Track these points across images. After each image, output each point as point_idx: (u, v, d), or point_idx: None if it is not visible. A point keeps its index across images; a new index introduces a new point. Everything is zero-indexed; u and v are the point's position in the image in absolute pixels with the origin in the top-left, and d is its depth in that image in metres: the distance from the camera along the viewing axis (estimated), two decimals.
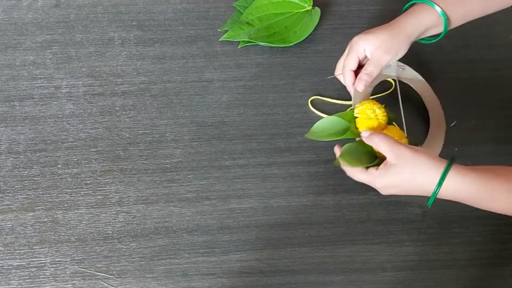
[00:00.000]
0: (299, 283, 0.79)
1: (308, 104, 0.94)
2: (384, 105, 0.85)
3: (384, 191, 0.78)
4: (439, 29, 0.86)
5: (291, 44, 0.99)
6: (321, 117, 0.92)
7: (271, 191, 0.86)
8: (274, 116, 0.93)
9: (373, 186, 0.78)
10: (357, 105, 0.85)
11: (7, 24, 1.00)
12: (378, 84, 0.91)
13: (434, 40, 0.89)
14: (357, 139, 0.83)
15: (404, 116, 0.88)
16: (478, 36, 1.02)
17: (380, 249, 0.82)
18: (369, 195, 0.86)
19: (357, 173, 0.79)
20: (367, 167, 0.78)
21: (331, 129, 0.84)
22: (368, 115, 0.83)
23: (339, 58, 0.93)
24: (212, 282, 0.79)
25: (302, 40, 1.00)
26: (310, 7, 1.01)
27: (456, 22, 0.86)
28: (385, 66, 0.87)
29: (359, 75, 0.87)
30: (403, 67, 0.93)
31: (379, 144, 0.76)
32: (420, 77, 0.93)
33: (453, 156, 0.74)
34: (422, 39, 0.88)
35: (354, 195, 0.86)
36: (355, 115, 0.85)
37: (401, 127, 0.85)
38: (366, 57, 0.87)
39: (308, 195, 0.86)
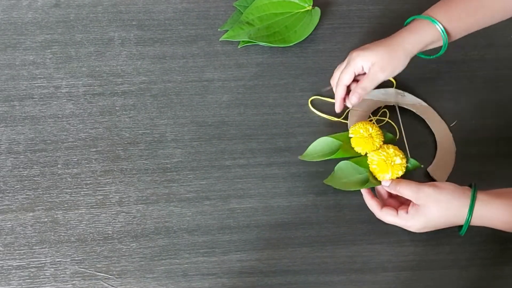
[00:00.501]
0: (299, 283, 0.79)
1: (308, 104, 0.94)
2: (385, 130, 0.88)
3: (416, 230, 0.79)
4: (439, 43, 0.85)
5: (291, 44, 0.99)
6: (320, 117, 0.92)
7: (272, 191, 0.86)
8: (274, 116, 0.93)
9: (405, 228, 0.79)
10: (351, 127, 0.87)
11: (7, 24, 1.00)
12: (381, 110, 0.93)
13: (434, 56, 0.88)
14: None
15: (406, 139, 0.89)
16: (478, 36, 1.02)
17: (380, 249, 0.82)
18: None
19: (387, 216, 0.79)
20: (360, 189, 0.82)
21: (323, 150, 0.87)
22: (362, 134, 0.85)
23: (339, 58, 0.93)
24: (212, 282, 0.79)
25: (302, 40, 1.00)
26: (310, 7, 1.01)
27: (456, 36, 0.86)
28: (380, 82, 0.86)
29: (353, 89, 0.86)
30: (402, 94, 0.94)
31: (402, 190, 0.78)
32: (423, 103, 0.93)
33: (474, 185, 0.76)
34: (422, 53, 0.87)
35: (354, 195, 0.86)
36: (350, 135, 0.86)
37: (404, 151, 0.85)
38: (363, 70, 0.86)
39: (308, 195, 0.86)
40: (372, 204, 0.81)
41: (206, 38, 1.00)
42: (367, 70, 0.85)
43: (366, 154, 0.85)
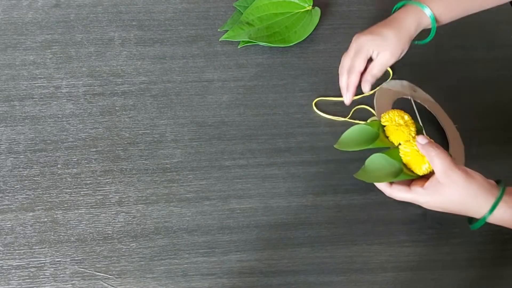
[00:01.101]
0: (299, 283, 0.79)
1: (310, 105, 0.94)
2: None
3: (429, 207, 0.75)
4: (428, 27, 0.85)
5: (291, 44, 0.99)
6: (325, 118, 0.92)
7: (271, 191, 0.86)
8: (274, 116, 0.93)
9: (416, 203, 0.75)
10: (382, 114, 0.82)
11: (7, 24, 1.00)
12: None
13: (423, 41, 0.88)
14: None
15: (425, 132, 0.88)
16: (478, 36, 1.02)
17: (380, 250, 0.82)
18: (369, 195, 0.86)
19: (399, 192, 0.75)
20: (391, 183, 0.76)
21: (360, 137, 0.80)
22: (397, 122, 0.79)
23: (339, 58, 0.93)
24: (212, 282, 0.79)
25: (302, 40, 1.00)
26: (310, 7, 1.01)
27: (447, 20, 0.86)
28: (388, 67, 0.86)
29: (364, 77, 0.85)
30: (415, 89, 0.93)
31: (434, 159, 0.72)
32: (432, 100, 0.93)
33: (504, 184, 0.73)
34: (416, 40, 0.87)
35: (354, 195, 0.86)
36: (383, 123, 0.81)
37: None
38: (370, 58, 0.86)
39: (308, 195, 0.86)
40: (380, 184, 0.77)
41: (206, 38, 1.00)
42: (375, 56, 0.84)
43: (398, 145, 0.79)
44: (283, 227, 0.83)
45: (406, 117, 0.80)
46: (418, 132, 0.81)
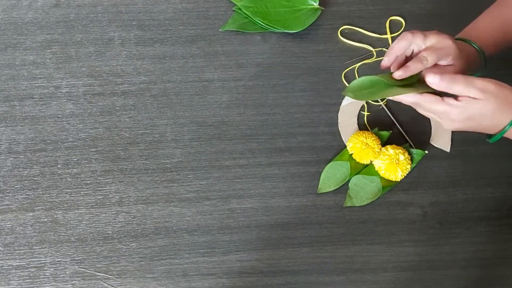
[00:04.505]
0: (299, 283, 0.79)
1: (310, 105, 0.93)
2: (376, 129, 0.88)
3: (456, 125, 0.72)
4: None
5: (288, 31, 0.99)
6: (320, 117, 0.92)
7: (271, 191, 0.86)
8: (274, 116, 0.93)
9: (446, 118, 0.72)
10: (347, 142, 0.89)
11: (7, 24, 1.00)
12: None
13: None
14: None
15: (402, 127, 0.90)
16: None
17: (380, 250, 0.82)
18: None
19: (434, 104, 0.71)
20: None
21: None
22: (360, 147, 0.86)
23: (339, 58, 0.94)
24: (212, 282, 0.79)
25: (302, 40, 1.00)
26: (317, 5, 1.01)
27: (495, 51, 0.83)
28: (443, 57, 0.75)
29: (418, 56, 0.74)
30: None
31: (454, 86, 0.69)
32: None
33: None
34: None
35: None
36: (349, 152, 0.87)
37: (403, 139, 0.87)
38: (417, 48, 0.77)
39: (308, 195, 0.86)
40: (409, 96, 0.72)
41: (206, 38, 1.00)
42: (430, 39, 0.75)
43: (371, 162, 0.87)
44: (283, 227, 0.83)
45: (365, 139, 0.87)
46: (387, 139, 0.88)
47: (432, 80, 0.70)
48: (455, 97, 0.70)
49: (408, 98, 0.72)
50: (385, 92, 0.72)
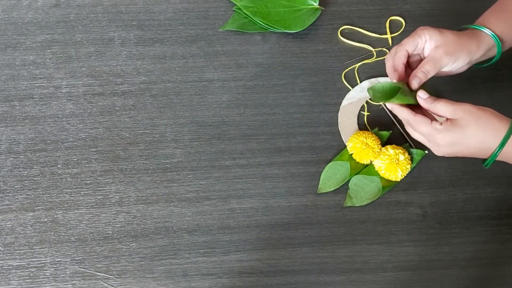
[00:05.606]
0: (299, 283, 0.79)
1: (310, 105, 0.93)
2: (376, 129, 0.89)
3: (442, 150, 0.75)
4: (493, 51, 0.82)
5: (288, 31, 0.99)
6: (320, 117, 0.92)
7: (271, 191, 0.86)
8: (274, 116, 0.93)
9: (432, 142, 0.75)
10: (347, 142, 0.89)
11: (7, 24, 1.00)
12: None
13: (486, 65, 0.86)
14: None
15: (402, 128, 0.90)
16: None
17: (380, 249, 0.82)
18: None
19: (422, 125, 0.74)
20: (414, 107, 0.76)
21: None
22: (360, 147, 0.87)
23: (339, 58, 0.94)
24: (212, 282, 0.79)
25: (302, 40, 1.00)
26: (317, 5, 1.01)
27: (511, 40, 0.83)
28: (442, 68, 0.79)
29: (413, 72, 0.78)
30: (377, 81, 0.93)
31: (438, 106, 0.74)
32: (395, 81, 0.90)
33: None
34: (478, 63, 0.83)
35: None
36: (349, 152, 0.87)
37: (402, 139, 0.88)
38: (423, 51, 0.80)
39: (308, 195, 0.86)
40: (404, 111, 0.75)
41: (206, 38, 1.00)
42: (427, 52, 0.79)
43: (371, 162, 0.87)
44: (283, 227, 0.83)
45: (365, 139, 0.87)
46: (387, 139, 0.89)
47: (422, 95, 0.75)
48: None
49: (402, 113, 0.76)
50: (399, 98, 0.76)
